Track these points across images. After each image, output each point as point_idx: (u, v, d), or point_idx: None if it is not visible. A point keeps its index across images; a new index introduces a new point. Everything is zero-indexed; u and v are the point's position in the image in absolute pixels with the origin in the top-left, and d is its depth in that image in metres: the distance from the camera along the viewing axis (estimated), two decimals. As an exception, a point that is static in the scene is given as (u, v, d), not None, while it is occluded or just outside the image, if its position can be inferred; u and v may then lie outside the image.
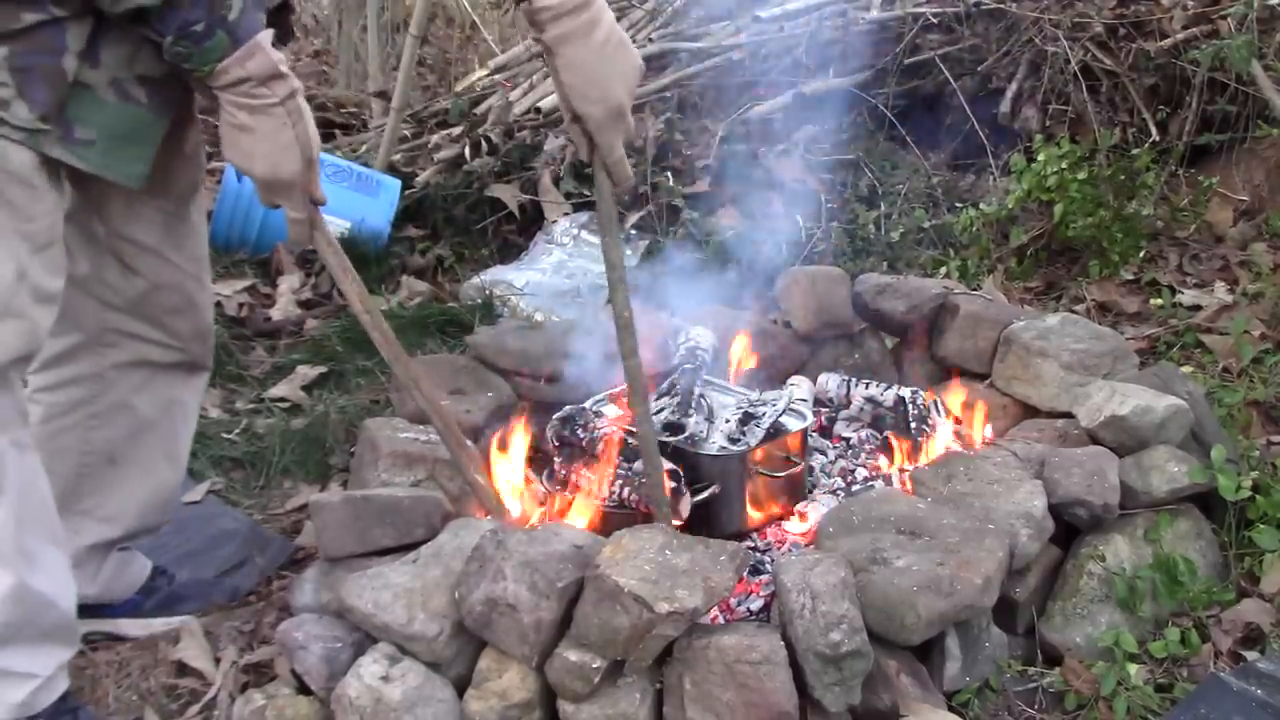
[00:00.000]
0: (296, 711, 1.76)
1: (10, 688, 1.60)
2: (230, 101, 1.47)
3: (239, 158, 1.53)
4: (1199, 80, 3.66)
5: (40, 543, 1.59)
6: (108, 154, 1.52)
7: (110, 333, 1.81)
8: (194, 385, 1.97)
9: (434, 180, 4.11)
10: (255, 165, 1.53)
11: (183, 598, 2.10)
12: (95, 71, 1.47)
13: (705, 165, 3.91)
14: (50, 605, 1.61)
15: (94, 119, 1.49)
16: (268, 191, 1.58)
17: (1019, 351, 2.40)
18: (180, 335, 1.87)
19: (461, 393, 2.34)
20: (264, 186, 1.57)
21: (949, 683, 1.79)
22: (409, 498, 1.96)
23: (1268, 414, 2.60)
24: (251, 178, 1.56)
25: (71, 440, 1.84)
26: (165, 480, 1.97)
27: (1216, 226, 3.61)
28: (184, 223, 1.81)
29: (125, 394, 1.86)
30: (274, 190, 1.58)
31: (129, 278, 1.77)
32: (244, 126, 1.49)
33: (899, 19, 4.14)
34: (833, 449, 2.47)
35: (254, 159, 1.53)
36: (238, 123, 1.49)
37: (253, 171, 1.54)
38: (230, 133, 1.51)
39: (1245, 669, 1.81)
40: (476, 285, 3.52)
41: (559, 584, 1.65)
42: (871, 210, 3.82)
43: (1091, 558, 1.99)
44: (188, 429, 1.99)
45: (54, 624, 1.63)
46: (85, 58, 1.46)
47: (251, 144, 1.51)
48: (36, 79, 1.42)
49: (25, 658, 1.61)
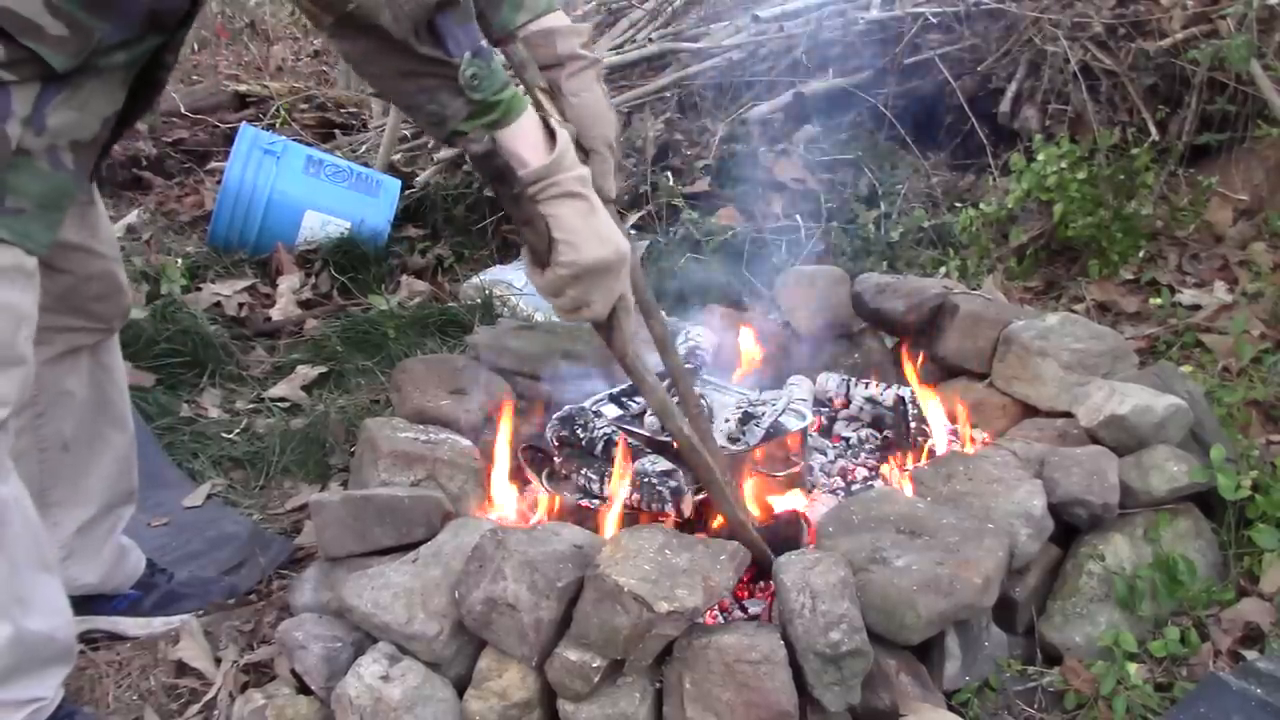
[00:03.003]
0: (296, 711, 1.76)
1: (17, 712, 1.63)
2: (577, 176, 1.36)
3: (597, 246, 1.38)
4: (1198, 80, 3.66)
5: (34, 579, 1.59)
6: (32, 222, 1.42)
7: (42, 332, 1.72)
8: (112, 347, 1.93)
9: (434, 180, 4.12)
10: (622, 244, 1.40)
11: (182, 596, 2.10)
12: (38, 139, 1.38)
13: (705, 165, 3.92)
14: (49, 640, 1.63)
15: (28, 188, 1.40)
16: (619, 277, 1.42)
17: (1019, 351, 2.40)
18: (105, 316, 1.85)
19: (461, 393, 2.34)
20: (620, 270, 1.42)
21: (949, 682, 1.78)
22: (409, 498, 1.96)
23: (1267, 413, 2.60)
24: (608, 267, 1.40)
25: (26, 443, 1.83)
26: (118, 445, 1.96)
27: (1216, 226, 3.61)
28: (94, 206, 1.75)
29: (62, 383, 1.84)
30: (625, 270, 1.42)
31: (55, 277, 1.70)
32: (595, 206, 1.36)
33: (899, 19, 4.15)
34: (833, 449, 2.47)
35: (618, 238, 1.39)
36: (592, 201, 1.36)
37: (620, 256, 1.40)
38: (584, 219, 1.37)
39: (1245, 668, 1.81)
40: (476, 285, 3.52)
41: (559, 584, 1.65)
42: (871, 210, 3.82)
43: (1091, 557, 1.99)
44: (120, 388, 1.97)
45: (54, 653, 1.66)
46: (29, 124, 1.37)
47: (608, 223, 1.39)
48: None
49: (30, 688, 1.64)
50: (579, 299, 1.44)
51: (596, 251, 1.39)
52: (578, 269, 1.39)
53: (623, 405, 2.34)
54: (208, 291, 3.51)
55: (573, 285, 1.42)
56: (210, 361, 3.09)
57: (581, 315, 1.46)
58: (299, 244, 3.78)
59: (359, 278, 3.68)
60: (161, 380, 2.99)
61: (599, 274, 1.41)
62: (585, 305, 1.45)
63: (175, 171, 4.74)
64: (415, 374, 2.40)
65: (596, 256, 1.39)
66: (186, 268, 3.57)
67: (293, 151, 3.85)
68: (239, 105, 5.24)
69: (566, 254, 1.38)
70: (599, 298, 1.44)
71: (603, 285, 1.43)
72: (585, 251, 1.38)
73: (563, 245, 1.38)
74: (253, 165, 3.74)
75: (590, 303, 1.44)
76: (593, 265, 1.39)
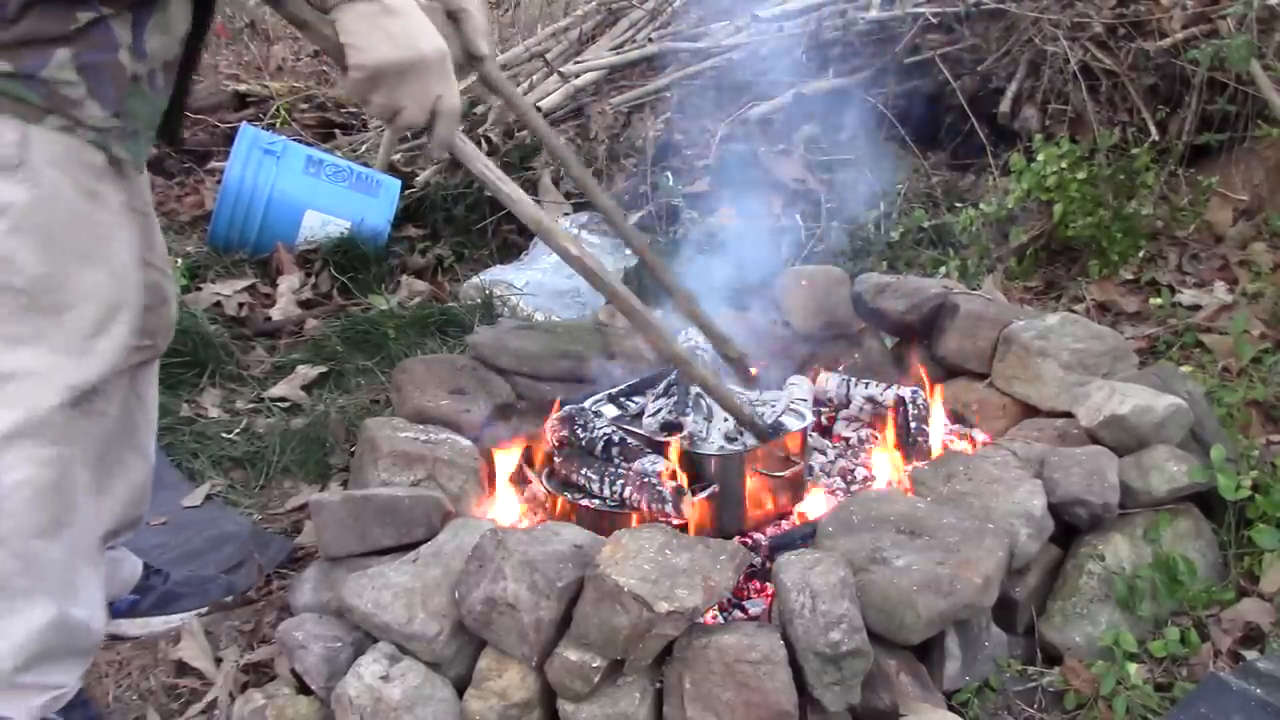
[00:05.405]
0: (296, 711, 1.76)
1: (41, 696, 1.65)
2: None
3: (388, 47, 1.39)
4: (1198, 80, 3.66)
5: (85, 570, 1.64)
6: (143, 142, 1.53)
7: None
8: (149, 376, 1.95)
9: (434, 180, 4.11)
10: (420, 44, 1.41)
11: (180, 595, 2.10)
12: (141, 64, 1.46)
13: (705, 165, 3.91)
14: (86, 630, 1.66)
15: (140, 111, 1.49)
16: (427, 78, 1.43)
17: (1019, 351, 2.40)
18: (150, 330, 1.83)
19: (461, 393, 2.34)
20: (424, 71, 1.43)
21: (949, 682, 1.79)
22: (409, 497, 1.96)
23: (1267, 413, 2.60)
24: (402, 67, 1.41)
25: None
26: (137, 472, 1.96)
27: (1216, 226, 3.61)
28: (150, 218, 1.77)
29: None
30: (433, 72, 1.43)
31: None
32: (390, 7, 1.39)
33: (899, 19, 4.14)
34: (833, 449, 2.47)
35: (415, 38, 1.41)
36: (384, 3, 1.38)
37: (417, 54, 1.41)
38: (369, 21, 1.39)
39: (1245, 668, 1.81)
40: (476, 285, 3.52)
41: (559, 584, 1.65)
42: (871, 210, 3.82)
43: (1091, 557, 1.99)
44: (149, 420, 1.98)
45: (86, 644, 1.69)
46: (134, 50, 1.44)
47: (404, 25, 1.40)
48: (105, 77, 1.41)
49: (58, 674, 1.66)
50: (386, 105, 1.45)
51: (385, 53, 1.40)
52: (366, 71, 1.42)
53: (621, 405, 2.34)
54: (208, 291, 3.51)
55: (372, 90, 1.44)
56: (210, 361, 3.09)
57: (397, 122, 1.47)
58: (299, 244, 3.78)
59: (359, 278, 3.68)
60: (161, 380, 2.95)
61: (397, 75, 1.42)
62: (396, 111, 1.46)
63: (175, 171, 4.74)
64: (415, 374, 2.40)
65: (385, 57, 1.40)
66: (186, 267, 3.57)
67: (293, 151, 3.85)
68: (239, 105, 5.24)
69: (352, 56, 1.41)
70: (409, 101, 1.45)
71: (407, 88, 1.43)
72: (371, 53, 1.40)
73: (349, 49, 1.41)
74: (253, 165, 3.74)
75: (400, 107, 1.45)
76: (381, 66, 1.41)
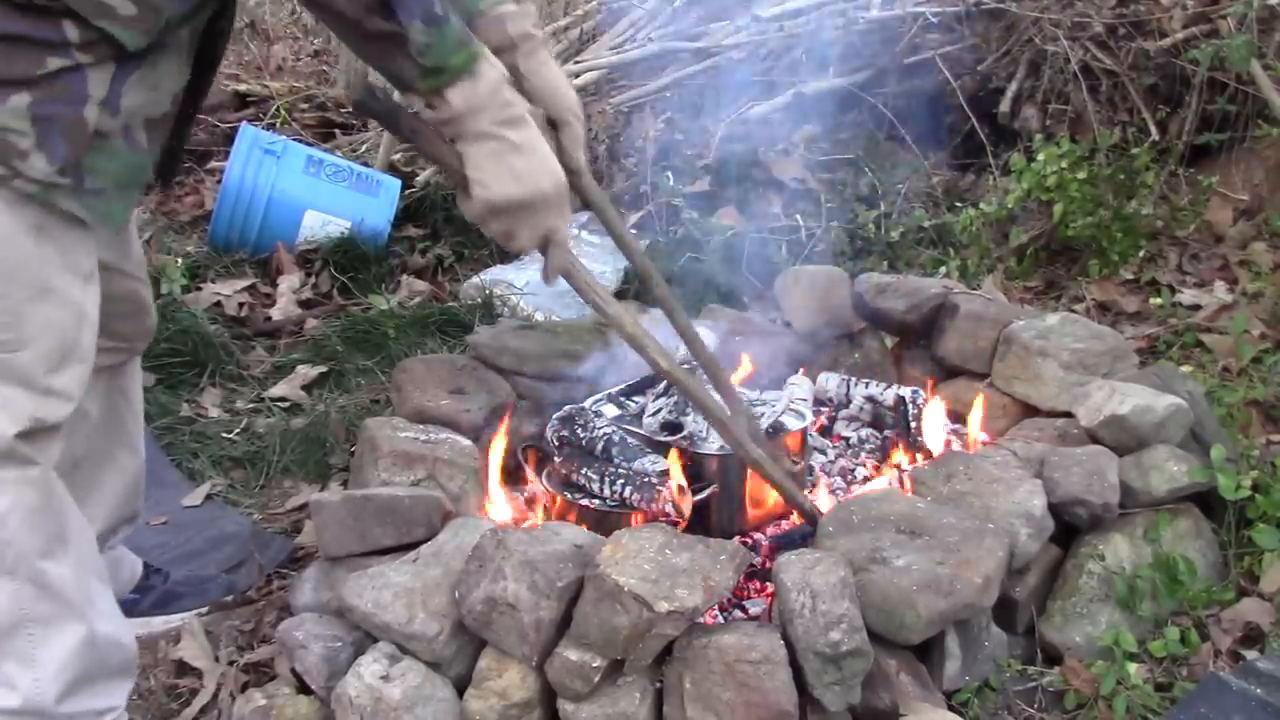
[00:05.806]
0: (296, 711, 1.76)
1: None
2: (494, 119, 1.41)
3: (513, 185, 1.44)
4: (1199, 80, 3.65)
5: (95, 584, 1.62)
6: (110, 202, 1.46)
7: None
8: (131, 371, 1.95)
9: (434, 180, 4.11)
10: (542, 183, 1.46)
11: (179, 595, 2.10)
12: (113, 119, 1.41)
13: (705, 165, 3.91)
14: (118, 644, 1.65)
15: (106, 168, 1.43)
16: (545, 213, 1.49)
17: (1019, 351, 2.40)
18: (128, 335, 1.85)
19: (461, 393, 2.34)
20: (542, 207, 1.48)
21: (949, 682, 1.79)
22: (409, 497, 1.96)
23: (1267, 413, 2.60)
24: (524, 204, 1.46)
25: None
26: (128, 468, 1.97)
27: (1216, 226, 3.61)
28: (127, 228, 1.76)
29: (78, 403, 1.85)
30: (552, 207, 1.49)
31: None
32: (518, 145, 1.42)
33: (899, 18, 4.14)
34: (833, 449, 2.47)
35: (538, 177, 1.46)
36: (513, 141, 1.42)
37: (538, 193, 1.46)
38: (497, 159, 1.43)
39: (1245, 668, 1.81)
40: (476, 285, 3.52)
41: (559, 583, 1.65)
42: (871, 210, 3.82)
43: (1091, 557, 1.99)
44: (135, 414, 1.98)
45: (123, 662, 1.68)
46: (105, 105, 1.40)
47: (528, 163, 1.44)
48: (56, 131, 1.36)
49: (101, 698, 1.64)
50: (503, 231, 1.52)
51: (509, 190, 1.46)
52: (489, 206, 1.47)
53: (621, 405, 2.34)
54: (208, 291, 3.51)
55: (492, 219, 1.50)
56: (210, 361, 3.09)
57: (510, 247, 1.56)
58: (299, 244, 3.78)
59: (359, 277, 3.68)
60: (161, 380, 2.98)
61: (517, 209, 1.48)
62: (511, 238, 1.53)
63: (175, 171, 4.74)
64: (415, 374, 2.40)
65: (508, 195, 1.46)
66: (186, 267, 3.57)
67: (293, 151, 3.85)
68: (239, 105, 5.23)
69: (477, 191, 1.47)
70: (525, 231, 1.52)
71: (525, 221, 1.50)
72: (495, 189, 1.45)
73: (474, 183, 1.46)
74: (253, 165, 3.74)
75: (515, 235, 1.52)
76: (503, 203, 1.47)
